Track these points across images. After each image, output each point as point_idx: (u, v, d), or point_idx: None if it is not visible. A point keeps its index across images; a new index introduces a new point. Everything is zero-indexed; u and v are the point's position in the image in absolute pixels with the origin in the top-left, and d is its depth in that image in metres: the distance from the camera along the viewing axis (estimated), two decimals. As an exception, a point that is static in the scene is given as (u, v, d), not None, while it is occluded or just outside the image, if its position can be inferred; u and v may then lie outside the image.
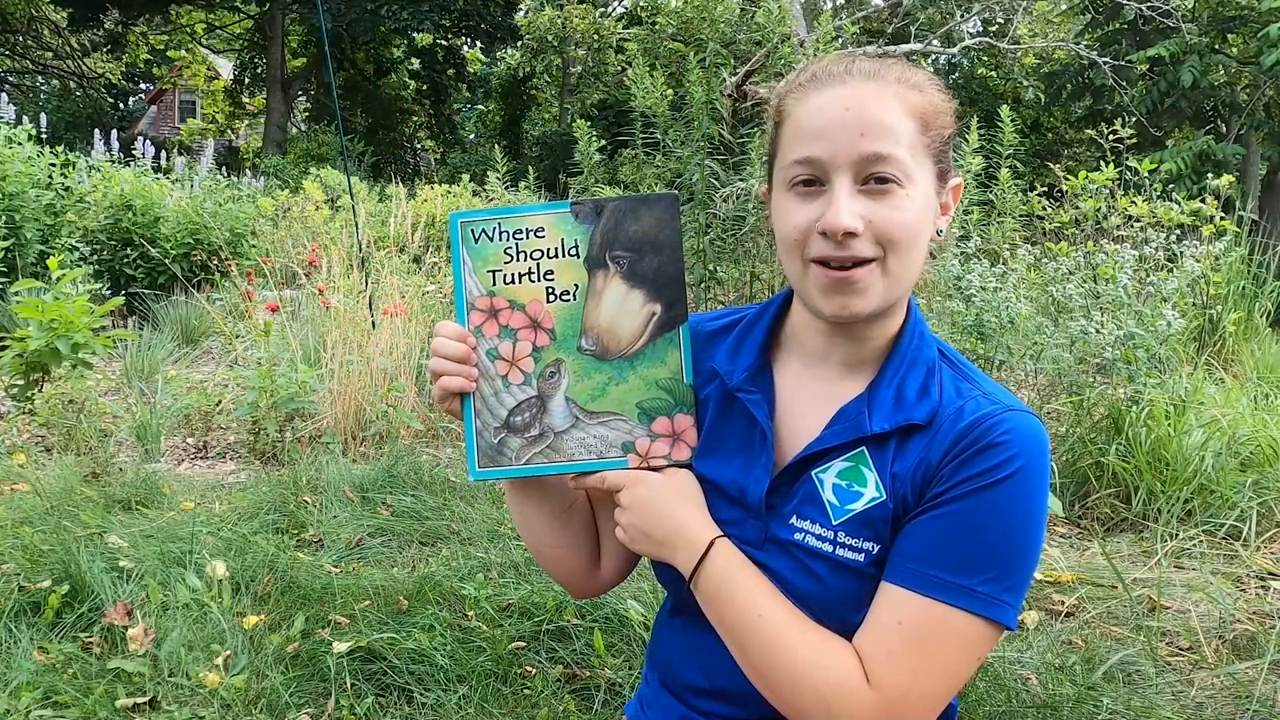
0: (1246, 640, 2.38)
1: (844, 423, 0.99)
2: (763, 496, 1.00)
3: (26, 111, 19.37)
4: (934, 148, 0.97)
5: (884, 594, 0.93)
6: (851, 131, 0.92)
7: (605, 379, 1.03)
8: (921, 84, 0.97)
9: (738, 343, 1.08)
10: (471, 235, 1.03)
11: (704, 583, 0.97)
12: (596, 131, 5.63)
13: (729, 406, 1.05)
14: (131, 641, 2.25)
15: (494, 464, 1.04)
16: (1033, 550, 0.92)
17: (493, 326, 1.04)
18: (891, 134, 0.93)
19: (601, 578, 1.19)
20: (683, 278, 1.04)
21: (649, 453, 1.03)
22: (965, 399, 0.96)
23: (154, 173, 8.95)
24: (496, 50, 27.78)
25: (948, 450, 0.93)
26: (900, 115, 0.94)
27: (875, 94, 0.94)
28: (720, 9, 6.83)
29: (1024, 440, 0.91)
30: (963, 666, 0.90)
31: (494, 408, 1.04)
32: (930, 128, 0.96)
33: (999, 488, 0.90)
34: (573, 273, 1.03)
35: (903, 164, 0.93)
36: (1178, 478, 3.24)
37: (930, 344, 1.02)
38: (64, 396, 4.10)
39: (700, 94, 4.82)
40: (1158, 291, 3.98)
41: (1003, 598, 0.89)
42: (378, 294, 5.00)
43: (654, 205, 1.03)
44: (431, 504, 3.35)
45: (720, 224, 4.85)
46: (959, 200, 1.02)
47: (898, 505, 0.95)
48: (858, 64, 0.97)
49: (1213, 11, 12.61)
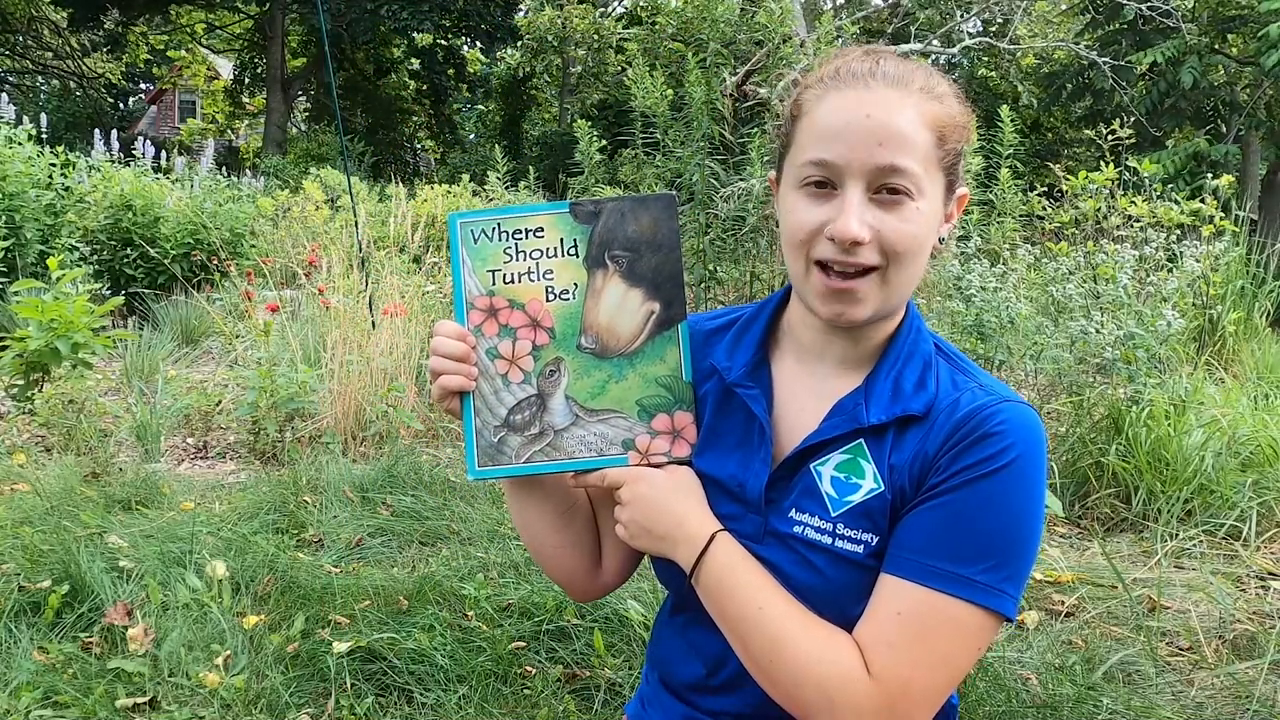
0: (1246, 640, 2.38)
1: (841, 415, 0.99)
2: (762, 490, 1.00)
3: (26, 111, 19.37)
4: (947, 161, 0.97)
5: (883, 585, 0.93)
6: (869, 140, 0.92)
7: (605, 377, 1.04)
8: (944, 94, 0.97)
9: (736, 339, 1.09)
10: (471, 235, 1.04)
11: (705, 577, 0.98)
12: (596, 131, 5.62)
13: (727, 402, 1.06)
14: (131, 641, 2.25)
15: (493, 462, 1.04)
16: (1031, 540, 0.93)
17: (492, 325, 1.04)
18: (908, 146, 0.92)
19: (603, 579, 1.19)
20: (681, 277, 1.04)
21: (649, 450, 1.04)
22: (961, 391, 0.97)
23: (154, 173, 8.95)
24: (496, 50, 27.77)
25: (945, 440, 0.94)
26: (919, 127, 0.93)
27: (897, 103, 0.93)
28: (720, 9, 6.80)
29: (1020, 430, 0.92)
30: (962, 657, 0.91)
31: (493, 406, 1.04)
32: (946, 141, 0.96)
33: (995, 477, 0.91)
34: (572, 272, 1.03)
35: (916, 177, 0.93)
36: (1178, 478, 3.24)
37: (927, 339, 1.03)
38: (64, 396, 4.10)
39: (700, 94, 4.81)
40: (1158, 291, 3.98)
41: (1002, 587, 0.90)
42: (378, 294, 5.00)
43: (652, 205, 1.04)
44: (431, 504, 3.35)
45: (720, 224, 4.84)
46: (963, 209, 1.02)
47: (896, 496, 0.95)
48: (883, 65, 0.95)
49: (1213, 11, 12.61)
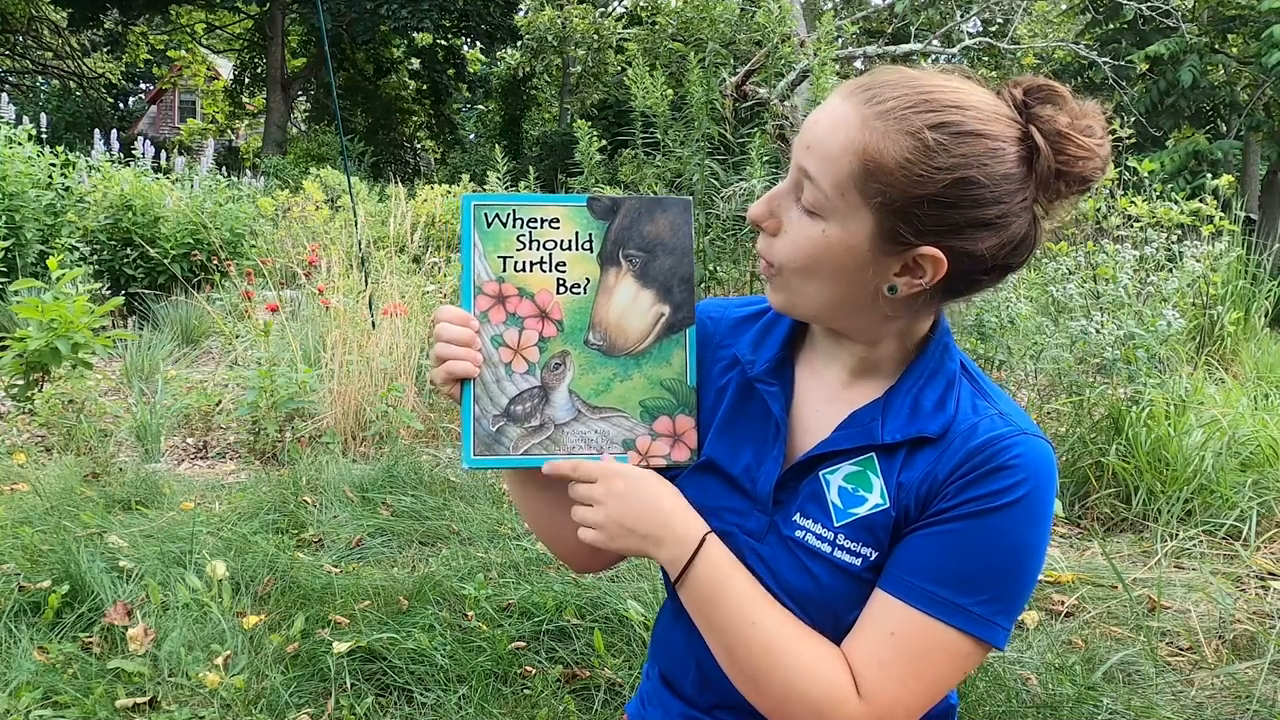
0: (1246, 640, 2.38)
1: (856, 427, 0.98)
2: (771, 489, 0.99)
3: (26, 111, 19.34)
4: (880, 201, 0.87)
5: (878, 603, 0.92)
6: (803, 139, 0.91)
7: (610, 374, 1.03)
8: (898, 135, 0.85)
9: (763, 333, 1.07)
10: (485, 219, 1.02)
11: (694, 580, 0.96)
12: (596, 131, 5.62)
13: (748, 395, 1.05)
14: (131, 641, 2.26)
15: (490, 452, 1.03)
16: (1031, 576, 0.92)
17: (499, 313, 1.03)
18: (826, 162, 0.88)
19: (604, 556, 1.18)
20: (692, 281, 1.03)
21: (649, 451, 1.03)
22: (980, 417, 0.95)
23: (154, 173, 8.94)
24: (496, 50, 27.80)
25: (956, 466, 0.92)
26: (844, 150, 0.87)
27: (841, 119, 0.89)
28: (720, 9, 6.82)
29: (1033, 466, 0.90)
30: (948, 680, 0.91)
31: (494, 395, 1.03)
32: (878, 180, 0.86)
33: (1003, 512, 0.89)
34: (585, 266, 1.03)
35: (823, 197, 0.89)
36: (1178, 478, 3.24)
37: (954, 357, 1.00)
38: (64, 396, 4.10)
39: (700, 94, 4.82)
40: (1158, 291, 3.98)
41: (995, 619, 0.90)
42: (378, 294, 5.00)
43: (669, 208, 1.03)
44: (431, 504, 3.35)
45: (720, 224, 4.85)
46: (940, 273, 0.89)
47: (900, 514, 0.94)
48: (874, 78, 0.91)
49: (1213, 11, 12.60)
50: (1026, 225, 0.90)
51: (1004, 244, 0.89)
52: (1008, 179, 0.87)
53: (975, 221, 0.87)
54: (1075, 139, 0.88)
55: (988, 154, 0.86)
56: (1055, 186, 0.89)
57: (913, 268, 0.90)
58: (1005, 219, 0.88)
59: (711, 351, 1.09)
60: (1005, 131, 0.87)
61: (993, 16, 12.07)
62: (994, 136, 0.86)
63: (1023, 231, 0.90)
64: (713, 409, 1.07)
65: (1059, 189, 0.90)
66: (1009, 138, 0.87)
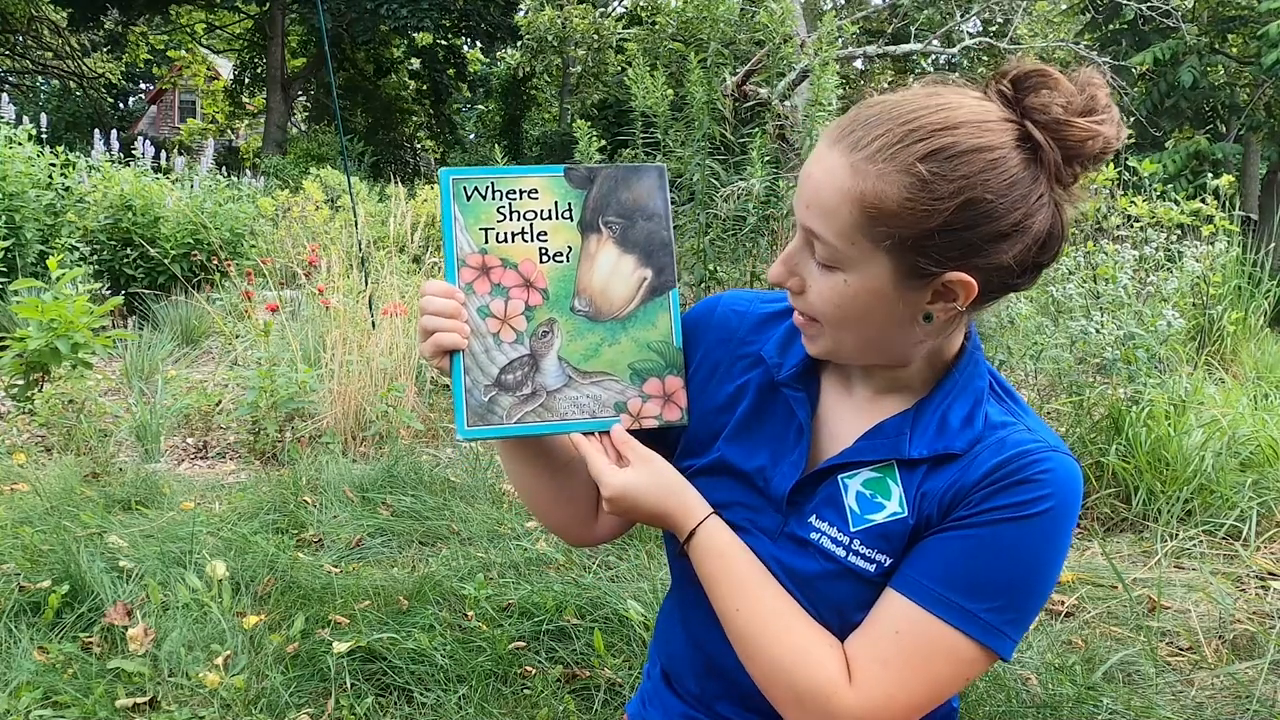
0: (1246, 640, 2.38)
1: (882, 438, 0.97)
2: (787, 491, 0.99)
3: (26, 111, 19.36)
4: (891, 243, 0.85)
5: (888, 601, 0.92)
6: (801, 198, 0.90)
7: (598, 340, 1.04)
8: (892, 174, 0.83)
9: (791, 335, 1.06)
10: (464, 192, 1.03)
11: (703, 539, 0.98)
12: (596, 131, 5.61)
13: (770, 397, 1.04)
14: (131, 641, 2.26)
15: (484, 422, 1.03)
16: (1043, 592, 0.92)
17: (484, 284, 1.03)
18: (827, 216, 0.87)
19: (598, 531, 1.18)
20: (672, 245, 1.05)
21: (640, 413, 1.04)
22: (1009, 430, 0.94)
23: (154, 173, 8.94)
24: (496, 50, 27.79)
25: (984, 476, 0.91)
26: (840, 200, 0.86)
27: (829, 167, 0.87)
28: (721, 9, 6.81)
29: (1061, 483, 0.90)
30: (949, 685, 0.91)
31: (485, 365, 1.03)
32: (881, 223, 0.85)
33: (1026, 523, 0.89)
34: (566, 234, 1.04)
35: (835, 250, 0.88)
36: (1178, 478, 3.24)
37: (983, 374, 1.00)
38: (64, 396, 4.10)
39: (700, 94, 4.81)
40: (1158, 291, 3.98)
41: (1004, 628, 0.89)
42: (378, 294, 5.00)
43: (645, 175, 1.05)
44: (431, 504, 3.35)
45: (720, 224, 4.85)
46: (970, 296, 0.88)
47: (920, 522, 0.94)
48: (861, 114, 0.88)
49: (1213, 11, 12.60)
50: (1048, 220, 0.87)
51: (1029, 246, 0.87)
52: (1015, 185, 0.84)
53: (993, 236, 0.85)
54: (1075, 123, 0.85)
55: (988, 168, 0.83)
56: (1068, 172, 0.87)
57: (943, 293, 0.89)
58: (1024, 223, 0.85)
59: (733, 347, 1.08)
60: (1001, 138, 0.84)
61: (993, 16, 12.06)
62: (991, 147, 0.84)
63: (1046, 227, 0.87)
64: (728, 408, 1.06)
65: (1073, 173, 0.87)
66: (1007, 143, 0.84)
